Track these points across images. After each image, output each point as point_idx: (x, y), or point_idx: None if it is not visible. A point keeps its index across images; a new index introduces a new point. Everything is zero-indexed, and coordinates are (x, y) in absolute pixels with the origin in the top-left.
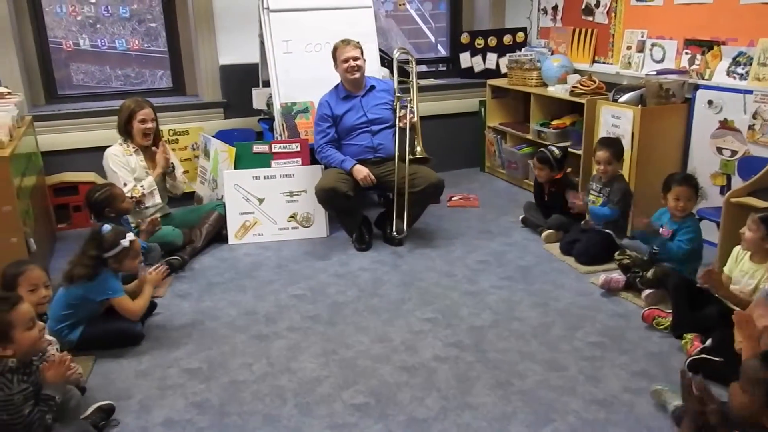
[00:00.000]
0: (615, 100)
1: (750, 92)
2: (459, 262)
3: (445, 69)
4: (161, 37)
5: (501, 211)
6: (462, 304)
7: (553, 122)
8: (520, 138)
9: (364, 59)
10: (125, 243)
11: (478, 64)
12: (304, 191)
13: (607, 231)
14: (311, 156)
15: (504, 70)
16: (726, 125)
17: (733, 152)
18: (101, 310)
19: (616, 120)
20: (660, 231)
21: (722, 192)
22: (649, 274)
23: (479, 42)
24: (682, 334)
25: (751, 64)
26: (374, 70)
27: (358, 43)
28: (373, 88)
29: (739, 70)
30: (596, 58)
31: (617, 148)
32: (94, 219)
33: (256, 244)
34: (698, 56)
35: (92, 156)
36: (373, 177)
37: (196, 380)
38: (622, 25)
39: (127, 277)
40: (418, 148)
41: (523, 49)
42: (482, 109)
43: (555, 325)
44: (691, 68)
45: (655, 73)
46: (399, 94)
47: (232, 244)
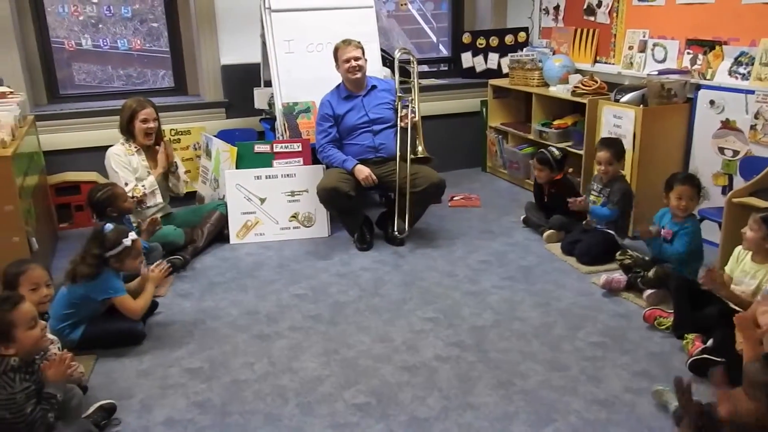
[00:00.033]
0: (617, 100)
1: (752, 92)
2: (460, 262)
3: (446, 69)
4: (163, 37)
5: (502, 211)
6: (463, 303)
7: (555, 122)
8: (522, 138)
9: (366, 59)
10: (127, 242)
11: (479, 64)
12: (306, 191)
13: (609, 231)
14: (313, 156)
15: (505, 70)
16: (728, 125)
17: (735, 152)
18: (103, 309)
19: (617, 120)
20: (661, 232)
21: (724, 192)
22: (651, 274)
23: (481, 42)
24: (684, 335)
25: (752, 64)
26: (376, 70)
27: (359, 43)
28: (374, 87)
29: (741, 70)
30: (598, 58)
31: (618, 149)
32: (96, 218)
33: (257, 244)
34: (700, 56)
35: (94, 155)
36: (375, 177)
37: (197, 380)
38: (624, 25)
39: (128, 276)
40: (420, 148)
41: (524, 49)
42: (484, 109)
43: (556, 325)
44: (693, 68)
45: (656, 73)
46: (400, 94)
47: (234, 243)
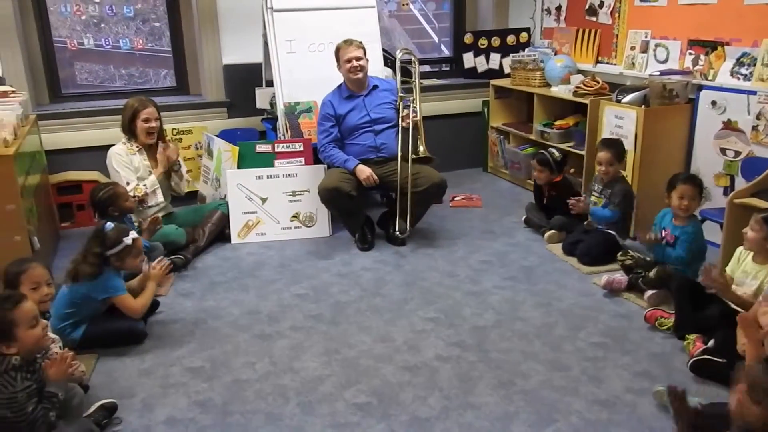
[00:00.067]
0: (618, 101)
1: (754, 93)
2: (462, 262)
3: (448, 69)
4: (165, 36)
5: (504, 212)
6: (465, 304)
7: (557, 122)
8: (523, 138)
9: (367, 59)
10: (128, 241)
11: (481, 64)
12: (307, 191)
13: (610, 232)
14: (314, 155)
15: (507, 70)
16: (729, 126)
17: (737, 153)
18: (103, 308)
19: (619, 120)
20: (662, 234)
21: (725, 193)
22: (652, 274)
23: (482, 42)
24: (685, 335)
25: (755, 65)
26: (377, 70)
27: (360, 43)
28: (375, 87)
29: (743, 70)
30: (600, 58)
31: (618, 149)
32: (97, 218)
33: (258, 244)
34: (702, 57)
35: (96, 155)
36: (376, 177)
37: (198, 379)
38: (626, 26)
39: (129, 275)
40: (421, 148)
41: (526, 50)
42: (485, 110)
43: (558, 326)
44: (695, 69)
45: (658, 73)
46: (402, 94)
47: (235, 243)
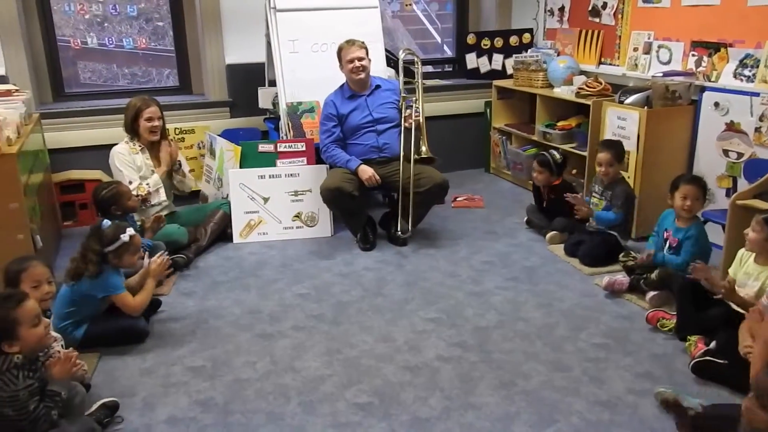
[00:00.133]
0: (621, 102)
1: (757, 94)
2: (463, 262)
3: (451, 70)
4: (168, 36)
5: (506, 212)
6: (466, 304)
7: (559, 123)
8: (526, 139)
9: (369, 59)
10: (125, 238)
11: (484, 64)
12: (309, 191)
13: (612, 233)
14: (316, 155)
15: (510, 71)
16: (732, 127)
17: (740, 154)
18: (103, 307)
19: (622, 122)
20: (664, 236)
21: (728, 194)
22: (654, 276)
23: (485, 43)
24: (686, 336)
25: (758, 67)
26: (380, 70)
27: (362, 43)
28: (378, 87)
29: (746, 72)
30: (602, 59)
31: (618, 150)
32: (100, 216)
33: (260, 243)
34: (705, 58)
35: (99, 154)
36: (378, 177)
37: (200, 378)
38: (629, 27)
39: (129, 272)
40: (423, 148)
41: (529, 50)
42: (488, 110)
43: (559, 326)
44: (698, 70)
45: (661, 74)
46: (404, 95)
47: (237, 242)
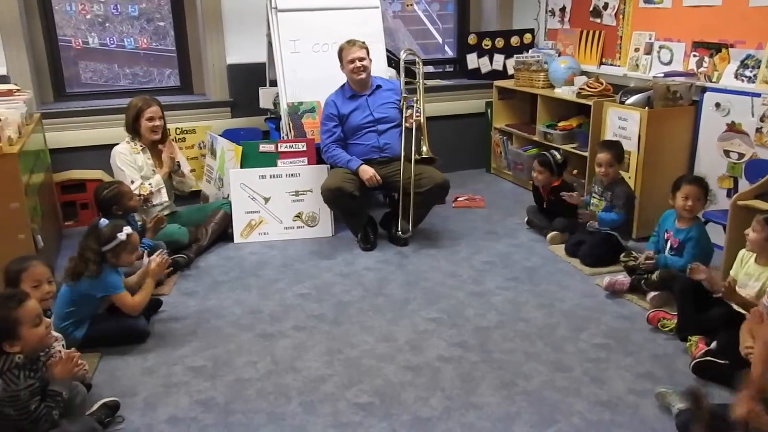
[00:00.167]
0: (622, 102)
1: (758, 95)
2: (464, 262)
3: (452, 70)
4: (169, 36)
5: (506, 212)
6: (467, 304)
7: (560, 124)
8: (527, 139)
9: (370, 59)
10: (122, 236)
11: (485, 65)
12: (310, 191)
13: (613, 233)
14: (317, 155)
15: (511, 71)
16: (733, 128)
17: (740, 155)
18: (102, 307)
19: (622, 122)
20: (665, 237)
21: (729, 195)
22: (655, 276)
23: (486, 43)
24: (687, 337)
25: (759, 67)
26: (381, 70)
27: (363, 43)
28: (379, 87)
29: (747, 72)
30: (604, 59)
31: (618, 151)
32: (101, 216)
33: (261, 243)
34: (706, 59)
35: (100, 154)
36: (379, 177)
37: (200, 378)
38: (630, 27)
39: (130, 273)
40: (424, 148)
41: (530, 51)
42: (489, 110)
43: (560, 326)
44: (699, 71)
45: (662, 75)
46: (405, 95)
47: (238, 242)
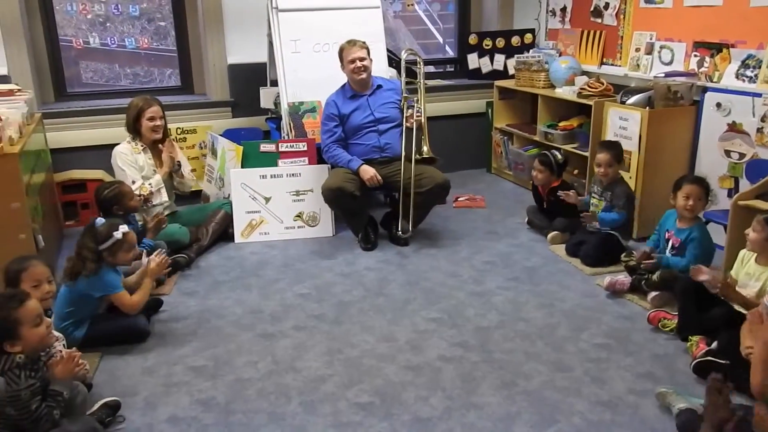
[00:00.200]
0: (623, 102)
1: (759, 95)
2: (465, 262)
3: (452, 70)
4: (170, 36)
5: (507, 212)
6: (468, 304)
7: (561, 124)
8: (527, 139)
9: (371, 59)
10: (118, 235)
11: (485, 65)
12: (311, 190)
13: (613, 233)
14: (318, 155)
15: (511, 71)
16: (734, 128)
17: (741, 155)
18: (102, 307)
19: (623, 122)
20: (666, 236)
21: (730, 195)
22: (655, 277)
23: (487, 43)
24: (688, 336)
25: (760, 67)
26: (382, 70)
27: (364, 43)
28: (380, 87)
29: (748, 72)
30: (604, 59)
31: (618, 151)
32: (102, 216)
33: (262, 243)
34: (707, 59)
35: (100, 153)
36: (380, 177)
37: (201, 378)
38: (631, 27)
39: (129, 273)
40: (425, 148)
41: (531, 51)
42: (489, 110)
43: (561, 326)
44: (700, 71)
45: (663, 75)
46: (406, 95)
47: (239, 242)
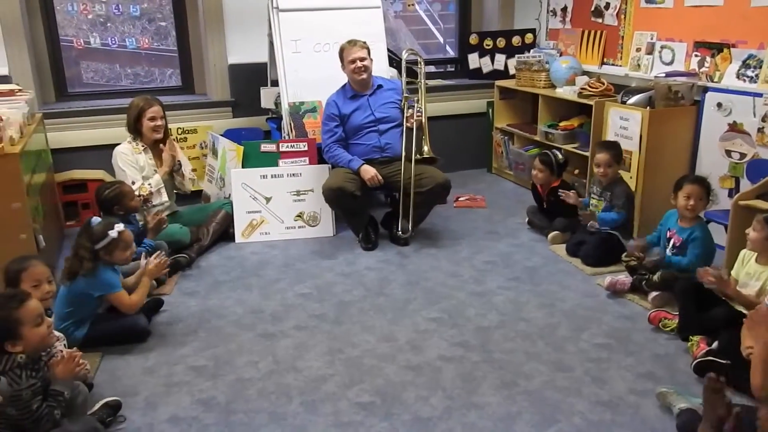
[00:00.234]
0: (623, 102)
1: (760, 95)
2: (465, 262)
3: (453, 70)
4: (171, 36)
5: (508, 212)
6: (468, 304)
7: (561, 124)
8: (528, 139)
9: (371, 59)
10: (113, 234)
11: (486, 65)
12: (311, 190)
13: (614, 233)
14: (318, 155)
15: (512, 71)
16: (735, 128)
17: (742, 155)
18: (101, 307)
19: (624, 122)
20: (668, 235)
21: (731, 195)
22: (656, 278)
23: (488, 43)
24: (689, 336)
25: (761, 67)
26: (383, 70)
27: (364, 43)
28: (380, 87)
29: (749, 72)
30: (605, 59)
31: (616, 151)
32: (102, 216)
33: (262, 243)
34: (708, 58)
35: (101, 154)
36: (381, 177)
37: (202, 378)
38: (632, 27)
39: (128, 273)
40: (426, 148)
41: (531, 51)
42: (490, 110)
43: (561, 326)
44: (701, 70)
45: (664, 75)
46: (406, 95)
47: (239, 242)
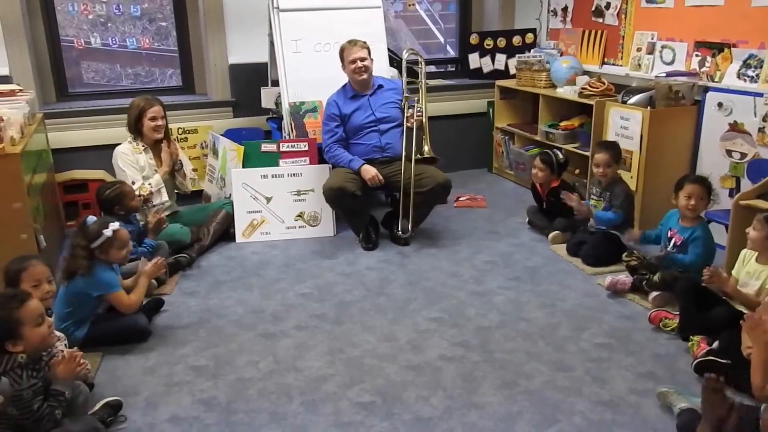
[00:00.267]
0: (624, 102)
1: (760, 95)
2: (466, 262)
3: (453, 70)
4: (171, 36)
5: (508, 212)
6: (469, 304)
7: (562, 123)
8: (528, 139)
9: (372, 59)
10: (108, 233)
11: (486, 65)
12: (312, 190)
13: (614, 232)
14: (319, 155)
15: (513, 71)
16: (736, 128)
17: (743, 155)
18: (101, 306)
19: (624, 122)
20: (669, 235)
21: (731, 194)
22: (656, 278)
23: (488, 43)
24: (689, 336)
25: (761, 67)
26: (383, 70)
27: (365, 43)
28: (380, 87)
29: (750, 72)
30: (606, 59)
31: (616, 151)
32: (103, 216)
33: (263, 243)
34: (708, 58)
35: (102, 154)
36: (381, 177)
37: (202, 377)
38: (632, 27)
39: (128, 274)
40: (426, 148)
41: (532, 51)
42: (490, 110)
43: (562, 326)
44: (701, 70)
45: (664, 75)
46: (407, 95)
47: (240, 242)
